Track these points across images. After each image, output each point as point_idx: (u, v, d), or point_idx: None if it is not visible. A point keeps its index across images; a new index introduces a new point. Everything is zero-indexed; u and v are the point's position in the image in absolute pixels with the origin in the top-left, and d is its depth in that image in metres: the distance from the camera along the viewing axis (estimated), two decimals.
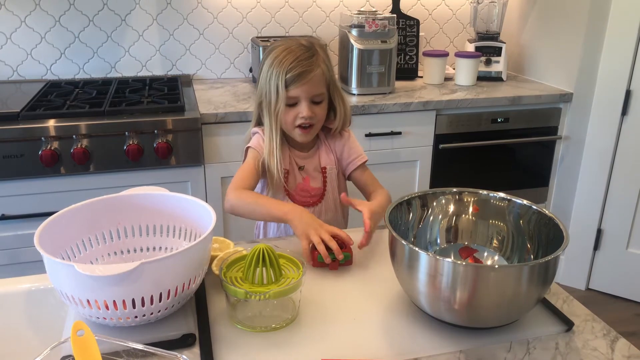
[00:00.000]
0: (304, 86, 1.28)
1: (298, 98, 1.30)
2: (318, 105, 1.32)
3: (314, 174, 1.41)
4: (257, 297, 0.91)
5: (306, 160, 1.41)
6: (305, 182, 1.40)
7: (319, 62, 1.31)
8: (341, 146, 1.43)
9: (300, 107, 1.30)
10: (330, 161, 1.42)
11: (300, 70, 1.27)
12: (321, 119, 1.35)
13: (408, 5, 2.65)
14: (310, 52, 1.30)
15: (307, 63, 1.28)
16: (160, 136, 1.90)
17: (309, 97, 1.30)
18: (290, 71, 1.27)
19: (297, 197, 1.40)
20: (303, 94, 1.29)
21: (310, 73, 1.28)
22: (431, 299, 0.91)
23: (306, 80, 1.28)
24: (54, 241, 0.96)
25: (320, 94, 1.32)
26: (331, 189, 1.43)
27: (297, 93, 1.29)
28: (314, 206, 1.41)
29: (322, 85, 1.31)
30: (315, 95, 1.31)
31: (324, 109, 1.35)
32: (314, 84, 1.29)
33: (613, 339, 0.93)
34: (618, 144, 2.35)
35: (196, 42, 2.47)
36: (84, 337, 0.77)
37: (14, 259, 1.90)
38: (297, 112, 1.31)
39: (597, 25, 2.27)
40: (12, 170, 1.81)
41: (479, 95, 2.30)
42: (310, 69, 1.28)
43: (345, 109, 1.39)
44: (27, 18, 2.26)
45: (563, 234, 0.93)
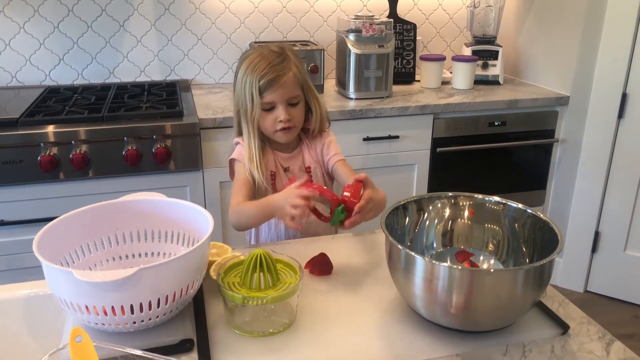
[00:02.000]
0: (278, 90, 1.31)
1: (274, 102, 1.33)
2: (294, 107, 1.35)
3: (299, 174, 1.43)
4: (255, 302, 0.91)
5: (290, 161, 1.44)
6: (291, 182, 1.39)
7: (291, 65, 1.34)
8: (321, 146, 1.46)
9: (278, 111, 1.33)
10: (313, 160, 1.45)
11: (273, 76, 1.30)
12: (300, 119, 1.38)
13: (405, 10, 2.66)
14: (281, 56, 1.33)
15: (279, 67, 1.31)
16: (158, 141, 1.91)
17: (285, 100, 1.33)
18: (263, 77, 1.30)
19: None
20: (278, 98, 1.32)
21: (282, 77, 1.31)
22: (427, 303, 0.91)
23: (279, 84, 1.31)
24: (53, 247, 0.96)
25: (295, 96, 1.35)
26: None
27: (272, 98, 1.32)
28: None
29: (296, 88, 1.34)
30: (290, 98, 1.34)
31: (301, 110, 1.38)
32: (287, 88, 1.32)
33: (608, 342, 0.94)
34: (615, 146, 2.36)
35: (194, 47, 2.48)
36: (83, 343, 0.77)
37: (13, 264, 1.90)
38: (275, 117, 1.34)
39: (593, 29, 2.28)
40: (11, 176, 1.82)
41: (476, 98, 2.31)
42: (283, 73, 1.31)
43: (320, 109, 1.41)
44: (25, 24, 2.27)
45: (558, 238, 0.93)
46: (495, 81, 2.58)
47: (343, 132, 2.13)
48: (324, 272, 1.12)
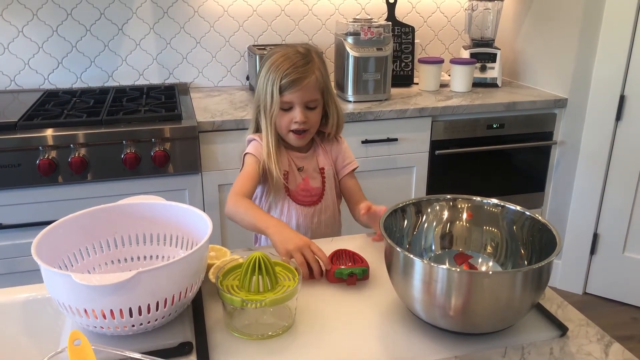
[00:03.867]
0: (298, 92, 1.32)
1: (292, 103, 1.33)
2: (312, 110, 1.36)
3: (313, 174, 1.44)
4: (254, 305, 0.91)
5: (305, 161, 1.44)
6: (305, 182, 1.43)
7: (314, 68, 1.34)
8: (336, 151, 1.47)
9: (294, 112, 1.34)
10: (327, 162, 1.46)
11: (295, 77, 1.31)
12: (315, 124, 1.38)
13: (403, 13, 2.67)
14: (306, 59, 1.34)
15: (302, 70, 1.32)
16: (157, 144, 1.91)
17: (303, 102, 1.33)
18: (285, 77, 1.31)
19: (298, 197, 1.42)
20: (297, 100, 1.33)
21: (304, 80, 1.31)
22: (426, 306, 0.91)
23: (300, 86, 1.31)
24: (51, 251, 0.96)
25: (314, 100, 1.35)
26: (329, 189, 1.46)
27: (291, 98, 1.32)
28: (314, 205, 1.43)
29: (316, 92, 1.35)
30: (309, 101, 1.34)
31: (317, 115, 1.38)
32: (307, 90, 1.33)
33: (607, 344, 0.94)
34: (613, 148, 2.36)
35: (193, 50, 2.48)
36: (81, 346, 0.77)
37: (11, 268, 1.90)
38: (292, 117, 1.34)
39: (591, 31, 2.29)
40: (9, 179, 1.82)
41: (475, 101, 2.32)
42: (305, 76, 1.32)
43: (338, 115, 1.42)
44: (24, 28, 2.27)
45: (556, 240, 0.93)
46: (494, 84, 2.59)
47: (342, 134, 2.14)
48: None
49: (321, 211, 1.45)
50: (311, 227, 1.43)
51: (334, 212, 1.48)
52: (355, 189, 1.48)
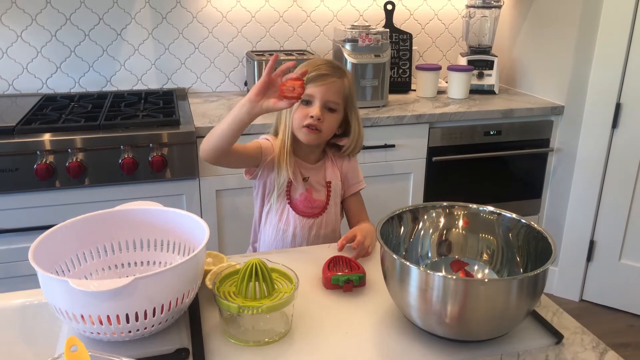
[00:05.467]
0: (321, 87, 1.32)
1: (313, 97, 1.32)
2: (330, 113, 1.35)
3: (317, 186, 1.43)
4: (250, 311, 0.92)
5: (311, 172, 1.43)
6: (308, 192, 1.42)
7: (344, 76, 1.36)
8: (347, 168, 1.46)
9: (313, 107, 1.33)
10: (335, 177, 1.44)
11: (324, 72, 1.33)
12: (329, 129, 1.36)
13: (401, 20, 2.68)
14: (340, 69, 1.37)
15: (333, 70, 1.34)
16: (155, 150, 1.91)
17: (324, 99, 1.33)
18: (315, 70, 1.32)
19: (299, 206, 1.41)
20: (319, 94, 1.32)
21: (331, 77, 1.33)
22: (422, 313, 0.92)
23: (325, 82, 1.32)
24: (48, 256, 0.96)
25: (336, 102, 1.34)
26: (334, 204, 1.45)
27: (314, 92, 1.32)
28: (315, 217, 1.42)
29: (339, 96, 1.34)
30: (329, 101, 1.33)
31: (334, 120, 1.36)
32: (331, 90, 1.33)
33: (602, 351, 0.94)
34: (609, 156, 2.37)
35: (191, 56, 2.49)
36: (78, 352, 0.77)
37: (8, 272, 1.89)
38: (308, 111, 1.32)
39: (587, 39, 2.30)
40: (7, 184, 1.81)
41: (472, 108, 2.33)
42: (333, 75, 1.33)
43: (359, 134, 1.41)
44: (23, 33, 2.27)
45: (552, 247, 0.94)
46: (491, 91, 2.60)
47: None
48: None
49: (321, 225, 1.43)
50: (308, 239, 1.42)
51: (334, 227, 1.46)
52: (359, 209, 1.48)
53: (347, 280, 1.09)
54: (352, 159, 1.48)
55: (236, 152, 1.30)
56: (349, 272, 1.11)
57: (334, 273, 1.11)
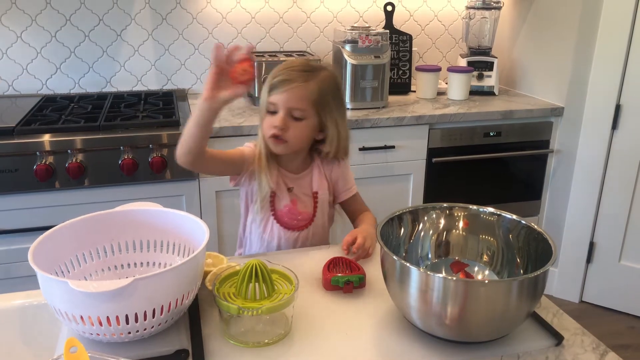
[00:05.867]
0: (283, 94, 1.23)
1: (277, 105, 1.25)
2: (297, 121, 1.25)
3: (303, 197, 1.36)
4: (250, 312, 0.91)
5: (296, 182, 1.36)
6: (292, 204, 1.35)
7: (313, 79, 1.25)
8: (337, 174, 1.39)
9: (276, 116, 1.25)
10: (322, 186, 1.37)
11: (284, 78, 1.24)
12: (297, 137, 1.27)
13: (401, 21, 2.68)
14: (309, 69, 1.27)
15: (296, 74, 1.24)
16: (155, 150, 1.91)
17: (286, 107, 1.24)
18: (276, 76, 1.25)
19: (284, 218, 1.35)
20: (280, 102, 1.24)
21: (292, 83, 1.24)
22: (422, 314, 0.92)
23: (286, 88, 1.23)
24: (48, 257, 0.96)
25: (300, 109, 1.25)
26: (321, 214, 1.38)
27: (276, 100, 1.24)
28: (300, 230, 1.36)
29: (304, 102, 1.24)
30: (293, 109, 1.24)
31: (303, 128, 1.26)
32: (294, 96, 1.24)
33: (602, 353, 0.94)
34: (609, 157, 2.37)
35: (191, 57, 2.48)
36: (77, 353, 0.77)
37: (8, 273, 1.89)
38: (273, 121, 1.25)
39: (587, 40, 2.30)
40: (6, 184, 1.81)
41: (472, 109, 2.33)
42: (294, 80, 1.24)
43: (339, 138, 1.31)
44: (23, 33, 2.27)
45: (552, 249, 0.94)
46: (491, 92, 2.60)
47: None
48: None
49: (307, 237, 1.37)
50: None
51: (322, 238, 1.41)
52: (357, 207, 1.43)
53: (347, 282, 1.09)
54: (342, 164, 1.40)
55: (214, 157, 1.26)
56: (349, 273, 1.11)
57: (334, 274, 1.10)
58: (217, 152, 1.27)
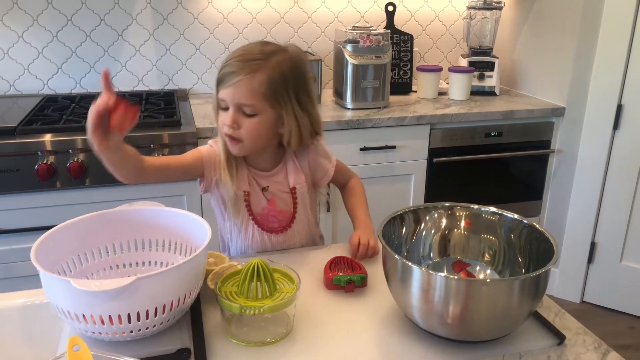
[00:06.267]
0: (229, 89, 1.11)
1: (225, 101, 1.14)
2: (249, 118, 1.13)
3: (281, 195, 1.27)
4: (252, 311, 0.92)
5: (270, 180, 1.26)
6: (271, 204, 1.26)
7: (262, 68, 1.11)
8: (314, 162, 1.29)
9: (227, 113, 1.14)
10: (300, 180, 1.27)
11: (229, 70, 1.11)
12: (252, 134, 1.15)
13: (402, 21, 2.68)
14: (261, 55, 1.12)
15: (242, 65, 1.11)
16: (156, 150, 1.91)
17: (234, 103, 1.12)
18: (223, 68, 1.13)
19: (264, 222, 1.27)
20: (228, 98, 1.12)
21: (237, 76, 1.10)
22: (424, 313, 0.92)
23: (231, 83, 1.11)
24: (50, 256, 0.96)
25: (249, 105, 1.12)
26: (302, 209, 1.30)
27: (223, 95, 1.13)
28: (284, 232, 1.28)
29: (252, 97, 1.11)
30: (242, 105, 1.12)
31: (257, 124, 1.14)
32: (240, 91, 1.11)
33: (604, 352, 0.94)
34: (610, 157, 2.37)
35: (192, 57, 2.49)
36: (80, 352, 0.77)
37: (9, 273, 1.89)
38: (224, 119, 1.15)
39: (588, 40, 2.30)
40: (8, 184, 1.82)
41: (473, 109, 2.33)
42: (240, 72, 1.10)
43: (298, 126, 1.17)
44: (24, 33, 2.28)
45: (554, 248, 0.94)
46: (492, 92, 2.60)
47: (340, 142, 2.14)
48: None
49: (294, 235, 1.30)
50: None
51: (309, 230, 1.34)
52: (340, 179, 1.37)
53: (348, 281, 1.09)
54: (315, 149, 1.27)
55: (164, 167, 1.18)
56: (351, 272, 1.11)
57: (335, 273, 1.11)
58: (165, 161, 1.19)
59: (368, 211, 1.37)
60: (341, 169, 1.37)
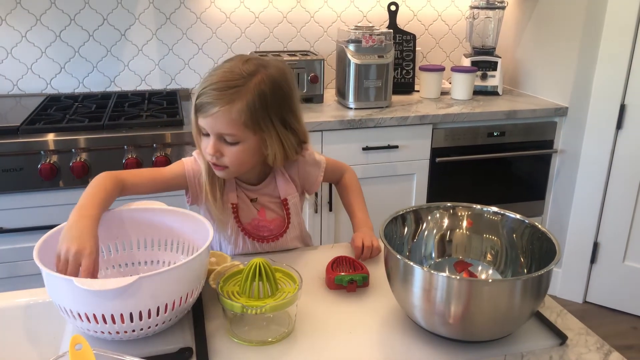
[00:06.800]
0: (207, 119, 1.08)
1: (205, 129, 1.11)
2: (231, 146, 1.10)
3: (270, 205, 1.26)
4: (254, 311, 0.92)
5: (259, 193, 1.25)
6: (261, 215, 1.25)
7: (240, 97, 1.06)
8: (303, 171, 1.28)
9: (208, 142, 1.11)
10: (291, 190, 1.26)
11: (206, 100, 1.07)
12: (236, 160, 1.12)
13: (404, 21, 2.68)
14: (235, 84, 1.07)
15: (218, 94, 1.05)
16: (158, 150, 1.92)
17: (215, 133, 1.09)
18: (200, 96, 1.08)
19: (254, 232, 1.26)
20: (208, 127, 1.09)
21: (214, 107, 1.06)
22: (426, 313, 0.92)
23: (209, 113, 1.07)
24: (53, 255, 0.96)
25: (230, 134, 1.08)
26: (295, 216, 1.29)
27: (203, 124, 1.10)
28: (276, 240, 1.27)
29: (233, 126, 1.07)
30: (223, 134, 1.09)
31: (239, 153, 1.11)
32: (219, 122, 1.07)
33: (606, 353, 0.94)
34: (613, 157, 2.36)
35: (195, 56, 2.49)
36: (82, 350, 0.78)
37: (12, 272, 1.90)
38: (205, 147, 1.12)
39: (591, 40, 2.30)
40: (11, 183, 1.82)
41: (475, 109, 2.33)
42: (216, 103, 1.06)
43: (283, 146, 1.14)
44: (27, 33, 2.28)
45: (556, 248, 0.94)
46: (494, 92, 2.59)
47: (342, 141, 2.15)
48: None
49: (286, 242, 1.29)
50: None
51: (301, 236, 1.34)
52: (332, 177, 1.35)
53: (350, 281, 1.09)
54: (304, 160, 1.26)
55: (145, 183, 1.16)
56: (353, 272, 1.11)
57: (337, 273, 1.11)
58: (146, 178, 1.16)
59: (366, 208, 1.36)
60: (332, 167, 1.35)
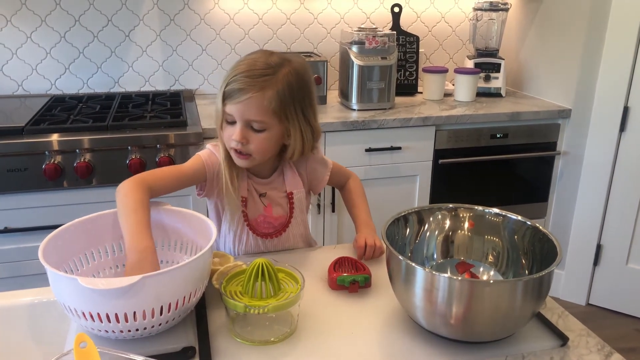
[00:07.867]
0: (237, 105, 1.11)
1: (233, 117, 1.13)
2: (258, 133, 1.14)
3: (278, 200, 1.28)
4: (256, 310, 0.92)
5: (268, 187, 1.27)
6: (267, 211, 1.27)
7: (271, 84, 1.11)
8: (311, 168, 1.31)
9: (235, 128, 1.14)
10: (297, 185, 1.29)
11: (238, 86, 1.10)
12: (261, 149, 1.15)
13: (408, 22, 2.68)
14: (269, 70, 1.12)
15: (250, 81, 1.10)
16: (162, 150, 1.92)
17: (243, 119, 1.12)
18: (230, 83, 1.11)
19: (258, 227, 1.28)
20: (237, 114, 1.12)
21: (246, 93, 1.10)
22: (427, 314, 0.92)
23: (240, 100, 1.10)
24: (58, 255, 0.97)
25: (260, 121, 1.12)
26: (299, 212, 1.31)
27: (231, 111, 1.12)
28: (278, 236, 1.29)
29: (264, 113, 1.11)
30: (251, 121, 1.12)
31: (266, 139, 1.15)
32: (249, 108, 1.11)
33: (607, 354, 0.94)
34: (616, 159, 2.36)
35: (199, 57, 2.50)
36: (87, 349, 0.78)
37: (17, 271, 1.91)
38: (231, 133, 1.14)
39: (595, 42, 2.30)
40: (15, 183, 1.83)
41: (478, 111, 2.33)
42: (250, 89, 1.10)
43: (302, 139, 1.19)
44: (32, 34, 2.29)
45: (557, 250, 0.94)
46: (498, 93, 2.60)
47: (345, 142, 2.15)
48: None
49: (287, 239, 1.31)
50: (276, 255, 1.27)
51: (304, 234, 1.35)
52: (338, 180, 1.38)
53: (352, 281, 1.09)
54: (314, 157, 1.29)
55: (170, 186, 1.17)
56: (355, 273, 1.12)
57: (339, 274, 1.11)
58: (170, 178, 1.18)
59: (369, 211, 1.37)
60: (338, 170, 1.38)
